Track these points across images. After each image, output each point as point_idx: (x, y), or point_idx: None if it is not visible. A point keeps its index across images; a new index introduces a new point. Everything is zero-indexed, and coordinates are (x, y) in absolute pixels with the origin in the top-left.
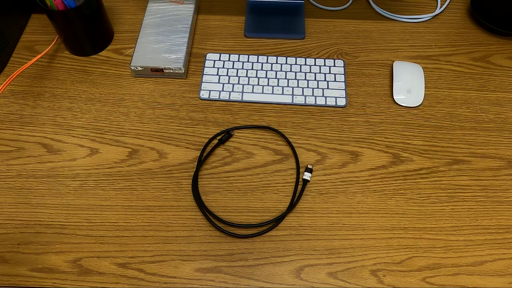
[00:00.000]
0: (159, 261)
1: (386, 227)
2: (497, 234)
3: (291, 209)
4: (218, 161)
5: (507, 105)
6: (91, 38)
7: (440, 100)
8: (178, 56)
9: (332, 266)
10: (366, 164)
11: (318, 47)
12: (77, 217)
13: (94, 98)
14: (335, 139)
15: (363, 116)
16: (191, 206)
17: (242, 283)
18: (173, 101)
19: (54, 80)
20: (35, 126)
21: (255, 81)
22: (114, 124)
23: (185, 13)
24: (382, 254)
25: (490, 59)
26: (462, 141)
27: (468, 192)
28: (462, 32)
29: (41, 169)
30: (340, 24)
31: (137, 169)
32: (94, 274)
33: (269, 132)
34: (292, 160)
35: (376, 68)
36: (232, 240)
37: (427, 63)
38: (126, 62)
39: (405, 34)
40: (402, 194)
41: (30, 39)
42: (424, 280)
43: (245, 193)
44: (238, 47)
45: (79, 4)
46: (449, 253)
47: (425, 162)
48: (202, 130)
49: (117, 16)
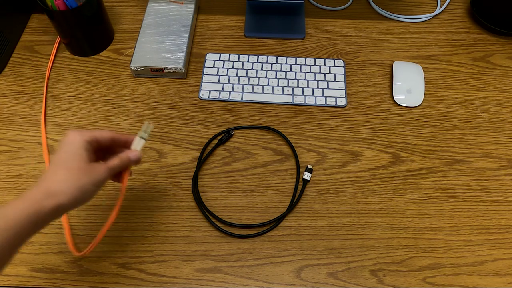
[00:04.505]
0: (159, 261)
1: (386, 227)
2: (497, 234)
3: (291, 209)
4: (218, 161)
5: (507, 105)
6: (92, 38)
7: (440, 100)
8: (178, 56)
9: (332, 266)
10: (366, 164)
11: (318, 47)
12: (77, 217)
13: (94, 98)
14: (335, 139)
15: (363, 116)
16: (191, 206)
17: (242, 283)
18: (173, 101)
19: (54, 80)
20: (35, 126)
21: (255, 81)
22: (114, 124)
23: (185, 13)
24: (382, 254)
25: (490, 59)
26: (462, 141)
27: (468, 192)
28: (462, 32)
29: (41, 169)
30: (340, 24)
31: (137, 169)
32: (94, 274)
33: (269, 132)
34: (292, 160)
35: (376, 68)
36: (232, 240)
37: (427, 63)
38: (126, 62)
39: (405, 34)
40: (402, 194)
41: (30, 39)
42: (424, 280)
43: (245, 193)
44: (238, 47)
45: (80, 4)
46: (449, 253)
47: (425, 162)
48: (202, 130)
49: (117, 16)
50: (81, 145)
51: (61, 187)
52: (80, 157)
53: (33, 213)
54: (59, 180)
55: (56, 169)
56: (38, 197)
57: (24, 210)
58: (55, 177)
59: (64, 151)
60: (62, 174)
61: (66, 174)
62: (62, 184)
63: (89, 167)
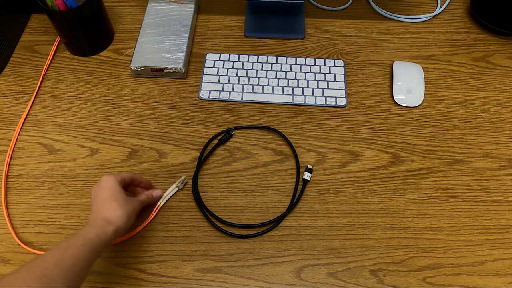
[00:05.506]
0: (159, 261)
1: (386, 227)
2: (497, 234)
3: (291, 209)
4: (218, 161)
5: (507, 105)
6: (92, 38)
7: (440, 100)
8: (178, 56)
9: (332, 266)
10: (366, 164)
11: (318, 47)
12: (77, 217)
13: (94, 98)
14: (335, 139)
15: (363, 116)
16: (191, 206)
17: (242, 283)
18: (173, 101)
19: (54, 80)
20: (35, 126)
21: (255, 81)
22: (114, 124)
23: (185, 13)
24: (382, 254)
25: (490, 59)
26: (462, 141)
27: (468, 192)
28: (462, 32)
29: (41, 169)
30: (340, 24)
31: (137, 169)
32: (94, 274)
33: (269, 132)
34: (292, 160)
35: (376, 68)
36: (232, 240)
37: (427, 63)
38: (126, 62)
39: (405, 34)
40: (402, 194)
41: (30, 39)
42: (424, 280)
43: (245, 193)
44: (238, 47)
45: (80, 4)
46: (449, 253)
47: (425, 162)
48: (202, 130)
49: (117, 16)
50: (117, 185)
51: (116, 215)
52: (121, 193)
53: (101, 234)
54: (113, 210)
55: (107, 203)
56: (102, 224)
57: (93, 234)
58: (109, 208)
59: (107, 190)
60: (114, 205)
61: (116, 205)
62: (116, 213)
63: (128, 199)
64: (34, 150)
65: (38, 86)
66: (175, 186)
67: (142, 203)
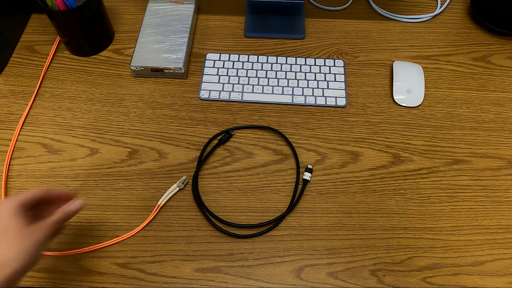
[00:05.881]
0: (159, 261)
1: (386, 227)
2: (497, 234)
3: (291, 209)
4: (218, 161)
5: (507, 105)
6: (92, 38)
7: (440, 100)
8: (178, 56)
9: (332, 266)
10: (366, 164)
11: (318, 47)
12: (77, 217)
13: (94, 98)
14: (335, 139)
15: (363, 116)
16: (191, 206)
17: (242, 283)
18: (173, 101)
19: (54, 80)
20: (35, 126)
21: (255, 81)
22: (114, 124)
23: (185, 13)
24: (382, 254)
25: (490, 59)
26: (462, 141)
27: (468, 192)
28: (462, 32)
29: (41, 169)
30: (340, 24)
31: (137, 169)
32: (94, 274)
33: (269, 132)
34: (292, 160)
35: (376, 68)
36: (232, 240)
37: (427, 63)
38: (126, 62)
39: (405, 34)
40: (402, 194)
41: (30, 39)
42: (424, 280)
43: (245, 193)
44: (238, 47)
45: (80, 4)
46: (449, 253)
47: (425, 162)
48: (202, 130)
49: (117, 16)
50: (12, 213)
51: (9, 256)
52: (16, 224)
53: None
54: (5, 250)
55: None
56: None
57: None
58: (0, 251)
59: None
60: (5, 245)
61: (8, 244)
62: (10, 253)
63: (27, 230)
64: (34, 150)
65: (38, 86)
66: (176, 186)
67: (54, 224)
